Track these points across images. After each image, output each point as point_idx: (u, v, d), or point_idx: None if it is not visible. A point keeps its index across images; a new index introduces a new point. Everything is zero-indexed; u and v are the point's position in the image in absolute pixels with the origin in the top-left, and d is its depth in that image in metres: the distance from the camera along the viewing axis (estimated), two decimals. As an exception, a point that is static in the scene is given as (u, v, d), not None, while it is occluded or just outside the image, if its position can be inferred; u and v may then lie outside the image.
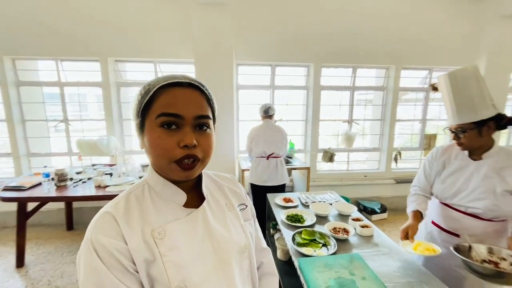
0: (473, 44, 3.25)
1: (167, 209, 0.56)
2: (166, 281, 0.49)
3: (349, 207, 1.68)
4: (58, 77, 2.92)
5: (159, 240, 0.51)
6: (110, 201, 0.56)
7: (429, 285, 1.03)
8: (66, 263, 2.36)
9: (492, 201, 1.10)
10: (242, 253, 0.61)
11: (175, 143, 0.50)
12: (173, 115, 0.50)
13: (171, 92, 0.51)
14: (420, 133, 3.60)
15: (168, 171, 0.53)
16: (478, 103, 1.10)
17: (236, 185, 0.73)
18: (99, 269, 0.45)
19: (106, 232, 0.48)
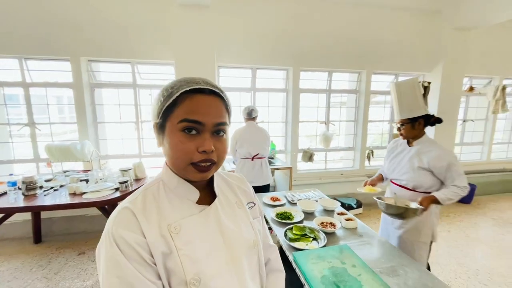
0: (432, 52, 3.62)
1: (182, 205, 0.58)
2: (181, 273, 0.52)
3: (333, 203, 1.79)
4: (22, 77, 2.68)
5: (175, 235, 0.53)
6: (127, 198, 0.58)
7: (408, 267, 1.15)
8: (38, 279, 2.18)
9: (411, 174, 1.57)
10: (251, 249, 0.64)
11: (194, 147, 0.53)
12: (195, 121, 0.53)
13: (194, 98, 0.54)
14: (388, 132, 3.90)
15: (184, 172, 0.56)
16: (413, 106, 1.56)
17: (245, 184, 0.76)
18: (121, 262, 0.48)
19: (126, 226, 0.51)
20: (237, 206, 0.68)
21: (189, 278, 0.52)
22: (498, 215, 3.43)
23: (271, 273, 0.75)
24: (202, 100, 0.54)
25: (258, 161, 2.52)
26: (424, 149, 1.56)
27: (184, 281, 0.52)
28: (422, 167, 1.53)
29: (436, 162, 1.49)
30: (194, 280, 0.52)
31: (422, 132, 1.60)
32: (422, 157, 1.54)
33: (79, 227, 2.93)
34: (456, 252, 2.58)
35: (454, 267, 2.34)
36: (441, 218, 3.35)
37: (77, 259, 2.45)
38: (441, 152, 1.50)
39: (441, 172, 1.49)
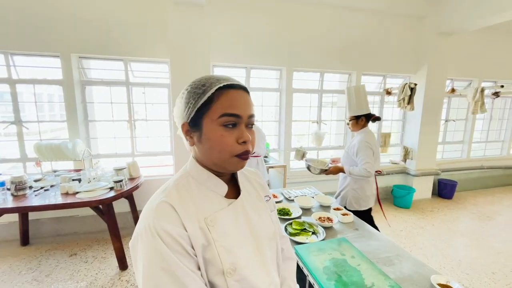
0: (417, 55, 3.80)
1: (212, 199, 0.61)
2: (219, 263, 0.55)
3: (328, 199, 1.86)
4: (8, 73, 2.58)
5: (211, 227, 0.56)
6: (158, 192, 0.60)
7: (402, 257, 1.23)
8: (27, 282, 2.12)
9: (342, 156, 2.18)
10: (272, 239, 0.69)
11: (234, 139, 0.57)
12: (234, 115, 0.56)
13: (229, 94, 0.57)
14: (376, 132, 4.05)
15: (227, 163, 0.59)
16: (358, 106, 2.02)
17: (261, 178, 0.80)
18: (164, 253, 0.49)
19: (168, 220, 0.52)
20: (257, 199, 0.72)
21: (226, 268, 0.55)
22: (477, 210, 3.66)
23: (285, 261, 0.80)
24: (237, 94, 0.58)
25: (254, 160, 2.56)
26: (355, 138, 2.07)
27: (221, 270, 0.55)
28: (346, 151, 2.13)
29: (352, 148, 2.02)
30: (230, 270, 0.55)
31: (364, 126, 2.05)
32: (353, 145, 2.03)
33: (69, 228, 2.85)
34: (440, 244, 2.74)
35: (439, 258, 2.49)
36: (426, 213, 3.53)
37: (69, 261, 2.39)
38: (358, 141, 1.98)
39: (354, 155, 2.01)
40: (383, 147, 4.01)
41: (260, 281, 0.60)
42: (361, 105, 2.01)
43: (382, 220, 3.30)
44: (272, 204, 0.79)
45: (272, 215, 0.73)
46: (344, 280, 1.03)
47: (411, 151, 3.98)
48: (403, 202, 3.71)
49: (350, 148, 2.04)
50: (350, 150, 2.04)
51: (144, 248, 0.50)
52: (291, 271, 0.79)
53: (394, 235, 2.93)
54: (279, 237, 0.74)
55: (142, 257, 0.50)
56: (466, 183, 4.43)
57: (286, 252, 0.81)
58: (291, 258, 0.82)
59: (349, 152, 2.06)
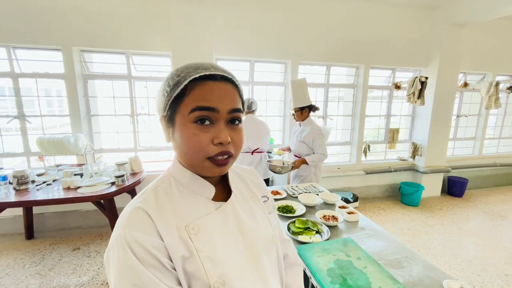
0: (428, 48, 3.65)
1: (197, 203, 0.54)
2: (204, 277, 0.47)
3: (334, 196, 1.79)
4: (11, 67, 2.57)
5: (193, 236, 0.49)
6: (136, 196, 0.53)
7: (412, 259, 1.16)
8: (31, 275, 2.12)
9: (296, 146, 2.36)
10: (270, 245, 0.61)
11: (209, 139, 0.49)
12: (208, 108, 0.48)
13: (205, 85, 0.48)
14: (385, 127, 3.93)
15: (200, 168, 0.52)
16: (302, 98, 2.25)
17: (257, 176, 0.72)
18: (136, 268, 0.42)
19: (140, 228, 0.45)
20: (252, 201, 0.64)
21: (213, 282, 0.48)
22: (489, 208, 3.53)
23: (290, 268, 0.72)
24: (214, 86, 0.49)
25: (257, 155, 2.50)
26: (305, 128, 2.29)
27: (207, 285, 0.47)
28: (301, 141, 2.29)
29: (308, 137, 2.24)
30: (218, 284, 0.48)
31: (307, 116, 2.31)
32: (303, 134, 2.27)
33: (73, 223, 2.86)
34: (450, 244, 2.65)
35: (448, 259, 2.40)
36: (435, 211, 3.42)
37: (72, 255, 2.39)
38: (311, 131, 2.23)
39: (310, 143, 2.24)
40: (390, 143, 3.89)
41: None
42: (305, 97, 2.24)
43: (388, 219, 3.22)
44: (271, 205, 0.71)
45: (271, 217, 0.66)
46: (350, 284, 0.97)
47: (420, 148, 3.85)
48: (411, 200, 3.60)
49: (306, 137, 2.24)
50: (306, 139, 2.24)
51: (116, 261, 0.44)
52: (297, 278, 0.71)
53: (402, 234, 2.85)
54: (279, 241, 0.67)
55: (114, 271, 0.44)
56: (477, 181, 4.28)
57: (290, 257, 0.74)
58: (297, 264, 0.74)
59: (305, 141, 2.25)
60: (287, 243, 0.75)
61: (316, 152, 2.21)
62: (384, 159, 4.01)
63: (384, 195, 3.95)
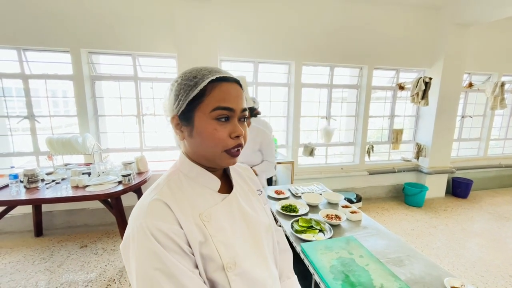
0: (432, 48, 3.64)
1: (205, 194, 0.60)
2: (218, 258, 0.53)
3: (337, 196, 1.81)
4: (21, 69, 2.64)
5: (207, 223, 0.55)
6: (149, 190, 0.57)
7: (413, 257, 1.18)
8: (40, 271, 2.18)
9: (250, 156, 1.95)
10: (268, 232, 0.68)
11: (227, 134, 0.55)
12: (228, 108, 0.55)
13: (223, 86, 0.55)
14: (388, 128, 3.93)
15: (218, 159, 0.58)
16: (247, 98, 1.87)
17: (252, 173, 0.80)
18: (159, 253, 0.47)
19: (162, 218, 0.50)
20: (250, 193, 0.71)
21: (226, 262, 0.54)
22: (494, 209, 3.51)
23: (281, 253, 0.81)
24: (230, 87, 0.56)
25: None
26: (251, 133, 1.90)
27: (221, 266, 0.53)
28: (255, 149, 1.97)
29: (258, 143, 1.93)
30: (230, 264, 0.54)
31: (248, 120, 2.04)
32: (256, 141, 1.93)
33: (80, 221, 2.92)
34: (454, 244, 2.64)
35: (452, 259, 2.40)
36: (439, 212, 3.41)
37: (80, 252, 2.45)
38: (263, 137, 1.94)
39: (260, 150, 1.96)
40: (394, 143, 3.89)
41: (260, 273, 0.60)
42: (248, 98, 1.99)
43: (391, 219, 3.22)
44: (265, 198, 0.79)
45: (266, 208, 0.74)
46: (352, 280, 0.99)
47: (424, 148, 3.84)
48: (415, 201, 3.60)
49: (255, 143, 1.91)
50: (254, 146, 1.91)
51: (136, 249, 0.48)
52: (288, 262, 0.82)
53: (405, 234, 2.85)
54: (274, 229, 0.74)
55: (135, 259, 0.48)
56: (482, 182, 4.25)
57: (281, 244, 0.83)
58: (287, 250, 0.84)
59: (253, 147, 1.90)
60: (278, 231, 0.84)
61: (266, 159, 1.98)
62: (388, 160, 4.01)
63: (387, 195, 3.95)
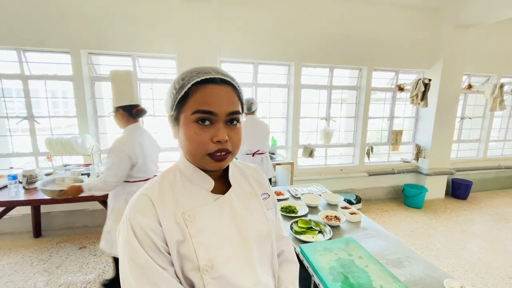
0: (432, 49, 3.65)
1: (197, 194, 0.60)
2: (195, 259, 0.53)
3: (336, 197, 1.81)
4: (21, 69, 2.64)
5: (189, 222, 0.55)
6: (145, 185, 0.59)
7: (414, 259, 1.17)
8: (39, 272, 2.17)
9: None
10: (264, 239, 0.65)
11: (208, 138, 0.54)
12: (208, 112, 0.53)
13: (206, 89, 0.54)
14: (388, 129, 3.94)
15: (201, 162, 0.57)
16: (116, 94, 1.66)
17: (260, 175, 0.76)
18: (134, 245, 0.50)
19: (143, 213, 0.52)
20: (251, 196, 0.68)
21: (202, 264, 0.53)
22: (494, 211, 3.51)
23: (284, 263, 0.75)
24: (214, 90, 0.54)
25: (259, 157, 2.53)
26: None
27: (197, 266, 0.53)
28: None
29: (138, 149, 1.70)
30: (206, 266, 0.53)
31: (129, 121, 1.78)
32: None
33: (79, 222, 2.91)
34: (453, 246, 2.64)
35: (452, 261, 2.39)
36: (438, 213, 3.41)
37: (79, 253, 2.44)
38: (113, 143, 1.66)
39: None
40: (394, 144, 3.89)
41: (243, 280, 0.57)
42: (120, 93, 1.65)
43: (391, 221, 3.22)
44: (272, 203, 0.75)
45: (269, 213, 0.69)
46: (351, 282, 0.99)
47: (423, 150, 3.85)
48: (415, 202, 3.59)
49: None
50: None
51: (121, 238, 0.52)
52: (291, 274, 0.74)
53: (405, 235, 2.85)
54: (276, 237, 0.71)
55: (120, 246, 0.52)
56: (482, 183, 4.25)
57: (287, 254, 0.77)
58: (292, 261, 0.77)
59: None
60: (285, 240, 0.78)
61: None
62: (387, 161, 4.01)
63: (387, 197, 3.95)
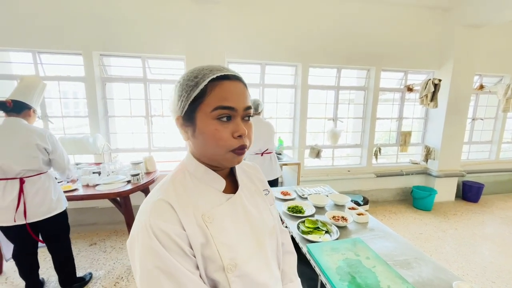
0: (442, 49, 3.59)
1: (209, 194, 0.59)
2: (219, 260, 0.53)
3: (343, 197, 1.81)
4: (36, 71, 2.73)
5: (209, 224, 0.55)
6: (155, 189, 0.58)
7: (421, 260, 1.16)
8: (51, 267, 2.22)
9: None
10: (272, 234, 0.68)
11: (229, 134, 0.54)
12: (229, 108, 0.53)
13: (223, 85, 0.54)
14: (397, 130, 3.89)
15: (223, 159, 0.57)
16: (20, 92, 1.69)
17: (260, 173, 0.79)
18: (160, 252, 0.48)
19: (165, 219, 0.51)
20: (256, 193, 0.70)
21: (226, 264, 0.53)
22: (506, 214, 3.42)
23: (285, 255, 0.79)
24: (231, 86, 0.54)
25: (267, 156, 2.54)
26: None
27: (221, 267, 0.53)
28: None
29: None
30: (230, 265, 0.54)
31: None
32: None
33: (90, 219, 2.98)
34: (464, 249, 2.59)
35: (462, 264, 2.35)
36: (448, 216, 3.34)
37: (89, 250, 2.50)
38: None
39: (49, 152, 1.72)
40: (402, 146, 3.84)
41: (262, 276, 0.59)
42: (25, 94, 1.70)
43: (399, 223, 3.18)
44: (272, 199, 0.77)
45: (271, 208, 0.72)
46: (358, 282, 0.99)
47: (433, 151, 3.78)
48: (424, 204, 3.54)
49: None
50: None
51: (140, 247, 0.49)
52: (292, 265, 0.79)
53: (414, 238, 2.81)
54: (279, 231, 0.73)
55: (139, 256, 0.49)
56: (494, 186, 4.15)
57: (286, 246, 0.81)
58: (291, 252, 0.82)
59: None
60: (284, 233, 0.82)
61: None
62: (396, 162, 3.96)
63: (395, 198, 3.90)
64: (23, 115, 1.69)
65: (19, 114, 1.67)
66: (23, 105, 1.68)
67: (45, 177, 1.74)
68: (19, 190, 1.62)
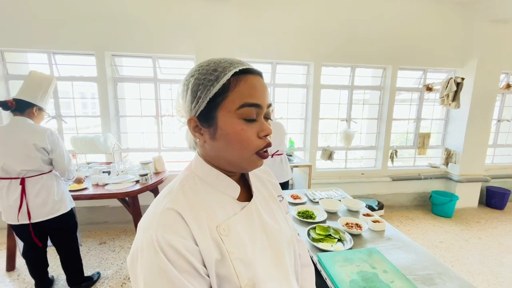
0: (464, 46, 3.38)
1: (224, 202, 0.52)
2: (235, 279, 0.46)
3: (358, 203, 1.70)
4: (51, 71, 2.78)
5: (225, 237, 0.47)
6: (161, 196, 0.50)
7: (446, 276, 1.05)
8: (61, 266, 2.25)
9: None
10: (290, 245, 0.60)
11: (255, 133, 0.49)
12: (256, 105, 0.48)
13: (248, 80, 0.48)
14: (414, 131, 3.70)
15: (246, 162, 0.51)
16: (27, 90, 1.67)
17: (272, 176, 0.71)
18: (169, 272, 0.40)
19: (175, 231, 0.43)
20: (271, 200, 0.63)
21: (244, 284, 0.46)
22: (536, 224, 3.16)
23: (303, 268, 0.71)
24: (255, 80, 0.49)
25: (278, 158, 2.46)
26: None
27: (238, 287, 0.46)
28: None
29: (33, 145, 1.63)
30: (248, 286, 0.46)
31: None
32: None
33: (100, 218, 3.01)
34: (489, 260, 2.40)
35: (487, 277, 2.17)
36: (471, 224, 3.13)
37: (98, 249, 2.52)
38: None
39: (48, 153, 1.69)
40: (420, 148, 3.65)
41: None
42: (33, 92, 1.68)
43: (417, 230, 3.01)
44: (286, 205, 0.70)
45: (288, 217, 0.66)
46: (375, 298, 0.90)
47: (454, 154, 3.57)
48: (444, 211, 3.33)
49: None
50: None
51: (145, 266, 0.41)
52: (310, 279, 0.72)
53: (433, 246, 2.64)
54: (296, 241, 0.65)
55: (143, 276, 0.41)
56: (521, 192, 3.86)
57: (303, 258, 0.74)
58: (309, 265, 0.74)
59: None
60: (300, 243, 0.75)
61: None
62: (413, 166, 3.77)
63: (412, 204, 3.71)
64: (27, 114, 1.67)
65: (23, 113, 1.66)
66: (26, 104, 1.65)
67: (47, 177, 1.71)
68: (21, 190, 1.61)
